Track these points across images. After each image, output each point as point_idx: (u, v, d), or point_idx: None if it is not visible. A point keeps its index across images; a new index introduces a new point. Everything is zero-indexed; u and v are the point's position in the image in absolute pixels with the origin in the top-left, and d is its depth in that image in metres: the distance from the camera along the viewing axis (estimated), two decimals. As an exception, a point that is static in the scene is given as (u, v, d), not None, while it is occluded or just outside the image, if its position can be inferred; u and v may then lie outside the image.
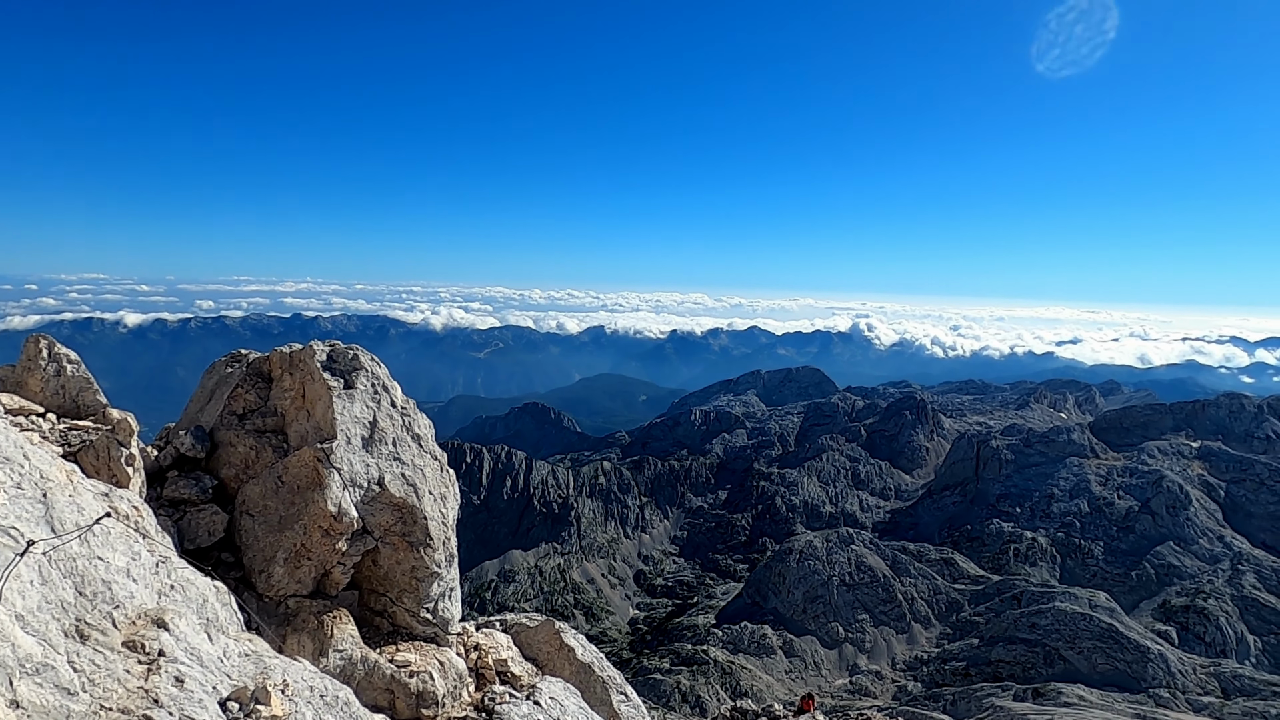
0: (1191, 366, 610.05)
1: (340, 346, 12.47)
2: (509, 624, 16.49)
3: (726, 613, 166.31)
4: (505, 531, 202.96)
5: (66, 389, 10.87)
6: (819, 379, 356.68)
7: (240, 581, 10.83)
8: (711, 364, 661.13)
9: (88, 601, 6.61)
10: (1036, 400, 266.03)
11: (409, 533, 11.92)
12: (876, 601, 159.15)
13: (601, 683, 15.74)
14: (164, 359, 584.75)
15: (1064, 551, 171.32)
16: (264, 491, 11.17)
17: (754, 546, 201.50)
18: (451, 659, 12.13)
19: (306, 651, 10.49)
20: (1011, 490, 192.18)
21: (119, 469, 9.71)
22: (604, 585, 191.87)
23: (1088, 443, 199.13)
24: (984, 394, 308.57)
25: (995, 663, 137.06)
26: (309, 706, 7.35)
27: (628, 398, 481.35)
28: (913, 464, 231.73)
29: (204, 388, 13.15)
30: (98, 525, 7.21)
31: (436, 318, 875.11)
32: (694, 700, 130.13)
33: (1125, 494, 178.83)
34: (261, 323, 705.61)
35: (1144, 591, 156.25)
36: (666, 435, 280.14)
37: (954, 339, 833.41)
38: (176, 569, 8.28)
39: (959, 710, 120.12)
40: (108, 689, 5.73)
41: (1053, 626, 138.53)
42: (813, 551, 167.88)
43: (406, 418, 12.54)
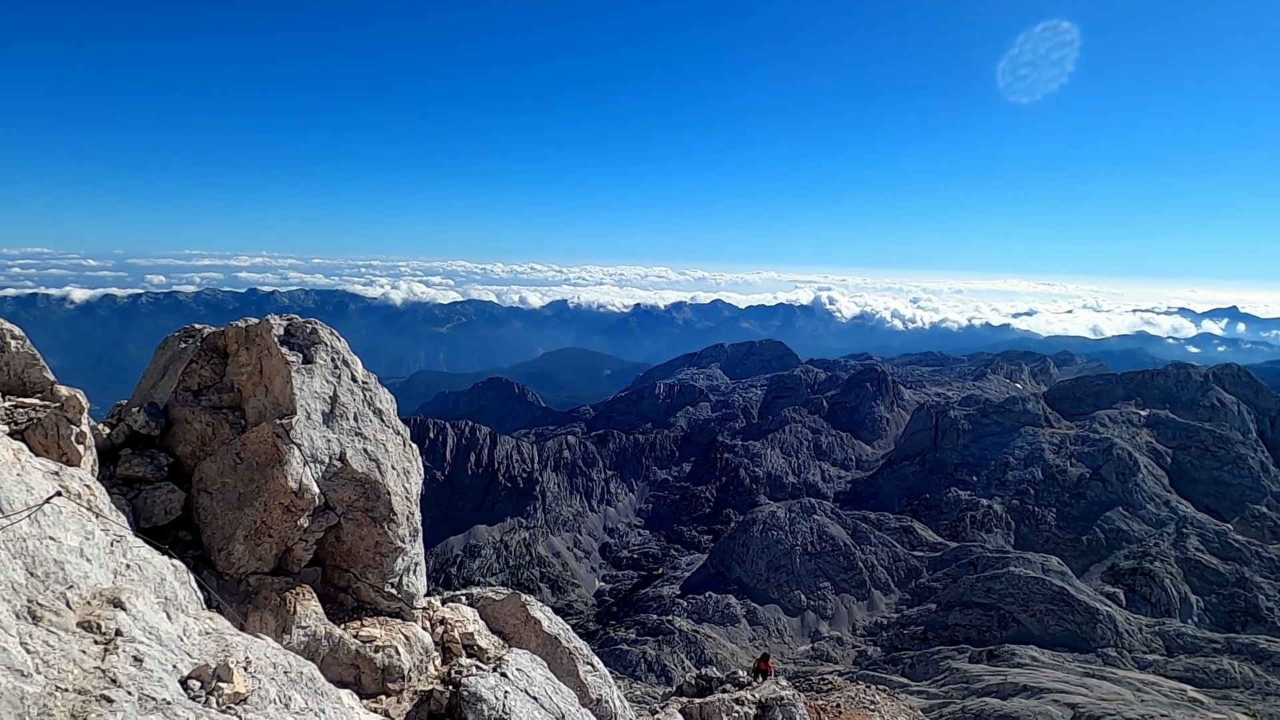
0: (1141, 337, 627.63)
1: (298, 321, 12.21)
2: (475, 598, 16.48)
3: (691, 583, 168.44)
4: (470, 507, 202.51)
5: (11, 366, 10.50)
6: (782, 352, 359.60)
7: (199, 560, 10.65)
8: (675, 337, 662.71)
9: (39, 582, 6.45)
10: (993, 371, 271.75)
11: (372, 508, 11.81)
12: (838, 569, 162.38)
13: (568, 653, 15.85)
14: (114, 336, 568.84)
15: (1018, 518, 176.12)
16: (222, 468, 10.96)
17: (718, 518, 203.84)
18: (417, 633, 12.11)
19: (269, 629, 10.38)
20: (969, 459, 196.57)
21: (69, 447, 9.44)
22: (569, 558, 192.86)
23: (1042, 412, 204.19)
24: (942, 365, 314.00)
25: (952, 626, 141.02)
26: (273, 683, 7.28)
27: (592, 372, 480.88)
28: (873, 435, 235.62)
29: (156, 364, 12.80)
30: (48, 504, 7.02)
31: (397, 292, 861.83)
32: (660, 670, 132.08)
33: (1077, 461, 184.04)
34: (216, 298, 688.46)
35: (1094, 555, 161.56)
36: (631, 409, 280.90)
37: (914, 311, 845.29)
38: (132, 548, 8.11)
39: (917, 673, 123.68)
40: (63, 670, 5.61)
41: (1007, 590, 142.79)
42: (776, 522, 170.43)
43: (368, 392, 12.36)
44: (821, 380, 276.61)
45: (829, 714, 30.34)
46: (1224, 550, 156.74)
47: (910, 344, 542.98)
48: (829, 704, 31.69)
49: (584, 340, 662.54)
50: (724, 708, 23.22)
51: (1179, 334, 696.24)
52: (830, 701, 32.36)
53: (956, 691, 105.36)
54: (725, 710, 23.17)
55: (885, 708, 32.94)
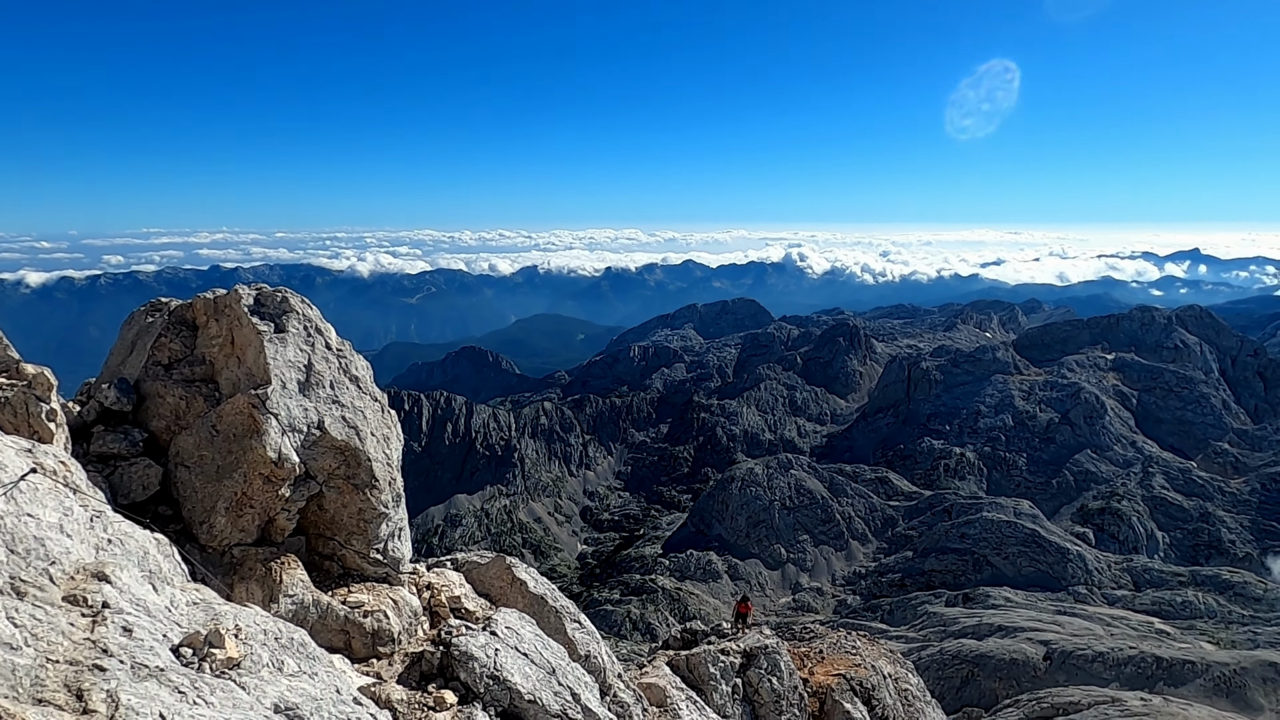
0: (1107, 283, 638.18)
1: (268, 290, 12.03)
2: (460, 563, 16.56)
3: (672, 542, 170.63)
4: (449, 477, 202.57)
5: (-27, 346, 10.27)
6: (755, 310, 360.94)
7: (181, 534, 10.58)
8: (648, 300, 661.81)
9: (20, 559, 6.38)
10: (963, 321, 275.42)
11: (353, 475, 11.78)
12: (816, 522, 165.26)
13: (555, 612, 16.02)
14: (73, 319, 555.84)
15: (990, 464, 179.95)
16: (198, 442, 10.85)
17: (696, 477, 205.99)
18: (405, 597, 12.18)
19: (256, 599, 10.39)
20: (941, 409, 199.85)
21: (40, 425, 9.28)
22: (551, 523, 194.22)
23: (1011, 360, 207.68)
24: (913, 317, 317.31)
25: (928, 572, 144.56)
26: (264, 648, 7.31)
27: (565, 337, 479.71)
28: (847, 389, 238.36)
29: (124, 339, 12.57)
30: (23, 481, 6.92)
31: (363, 264, 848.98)
32: (644, 628, 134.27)
33: (1046, 407, 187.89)
34: (178, 276, 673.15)
35: (1064, 497, 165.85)
36: (606, 373, 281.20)
37: (884, 265, 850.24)
38: (113, 523, 8.03)
39: (895, 618, 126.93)
40: (53, 642, 5.59)
41: (980, 535, 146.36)
42: (754, 478, 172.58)
43: (343, 360, 12.25)
44: (795, 337, 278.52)
45: (812, 660, 31.03)
46: (1188, 487, 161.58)
47: (881, 297, 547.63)
48: (811, 651, 32.40)
49: (556, 306, 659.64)
50: (710, 658, 23.68)
51: (1143, 278, 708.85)
52: (813, 649, 33.07)
53: (934, 635, 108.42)
54: (711, 661, 23.64)
55: (866, 652, 33.72)
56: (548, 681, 11.58)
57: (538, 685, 11.23)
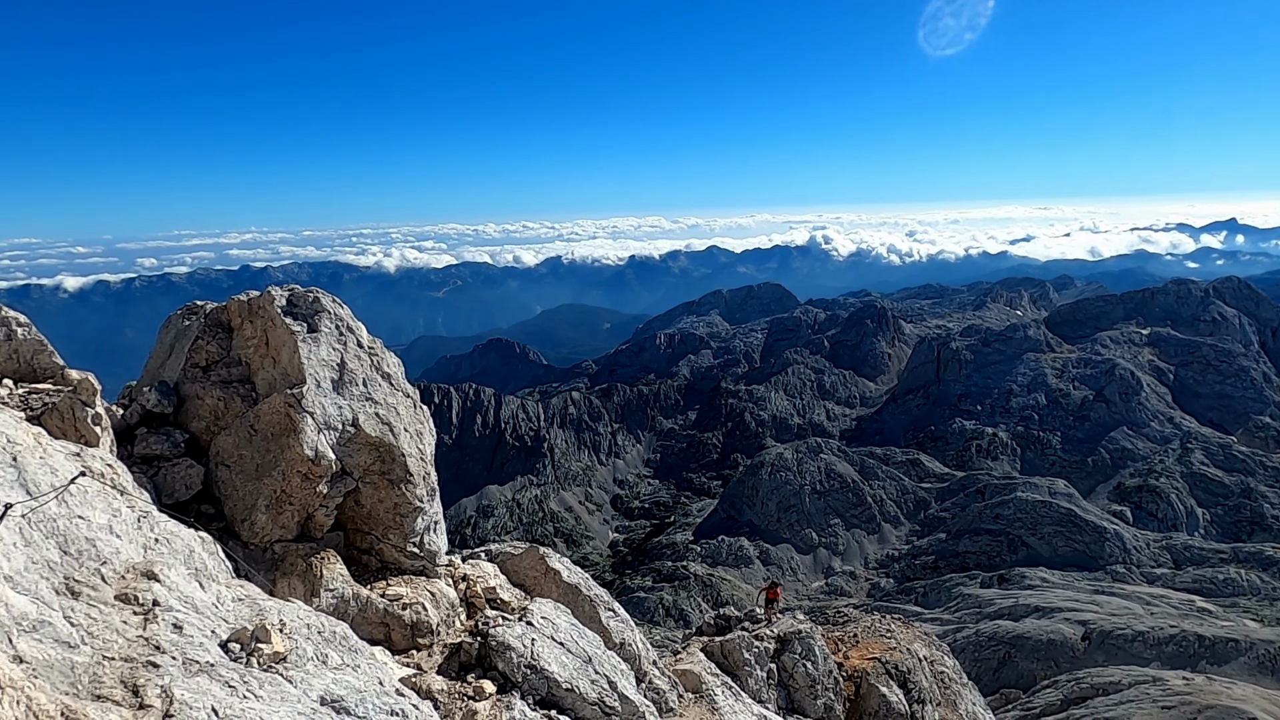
0: (1140, 256, 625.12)
1: (299, 290, 12.23)
2: (494, 554, 16.75)
3: (703, 528, 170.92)
4: (479, 468, 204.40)
5: (19, 353, 10.55)
6: (780, 294, 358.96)
7: (223, 531, 10.84)
8: (672, 287, 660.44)
9: (74, 560, 6.59)
10: (993, 300, 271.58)
11: (388, 470, 11.98)
12: (847, 506, 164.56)
13: (589, 601, 16.15)
14: (110, 322, 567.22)
15: (1023, 444, 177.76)
16: (237, 441, 11.09)
17: (726, 463, 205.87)
18: (443, 589, 12.38)
19: (298, 594, 10.62)
20: (972, 389, 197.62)
21: (86, 429, 9.54)
22: (581, 512, 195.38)
23: (1043, 337, 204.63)
24: (942, 297, 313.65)
25: (962, 554, 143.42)
26: (309, 642, 7.49)
27: (591, 326, 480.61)
28: (876, 371, 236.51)
29: (162, 343, 12.86)
30: (74, 484, 7.14)
31: (390, 260, 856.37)
32: (677, 614, 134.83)
33: (1080, 384, 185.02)
34: (209, 277, 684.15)
35: (1100, 476, 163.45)
36: (633, 361, 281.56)
37: (910, 245, 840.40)
38: (159, 523, 8.26)
39: (930, 601, 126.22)
40: (107, 640, 5.78)
41: (1015, 516, 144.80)
42: (783, 463, 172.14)
43: (375, 357, 12.44)
44: (821, 320, 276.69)
45: (846, 644, 30.98)
46: (1229, 462, 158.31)
47: (908, 278, 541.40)
48: (846, 635, 32.36)
49: (581, 295, 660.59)
50: (744, 644, 23.76)
51: (1178, 250, 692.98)
52: (847, 633, 33.02)
53: (970, 616, 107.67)
54: (745, 646, 23.72)
55: (901, 635, 33.60)
56: (584, 670, 11.72)
57: (575, 674, 11.38)
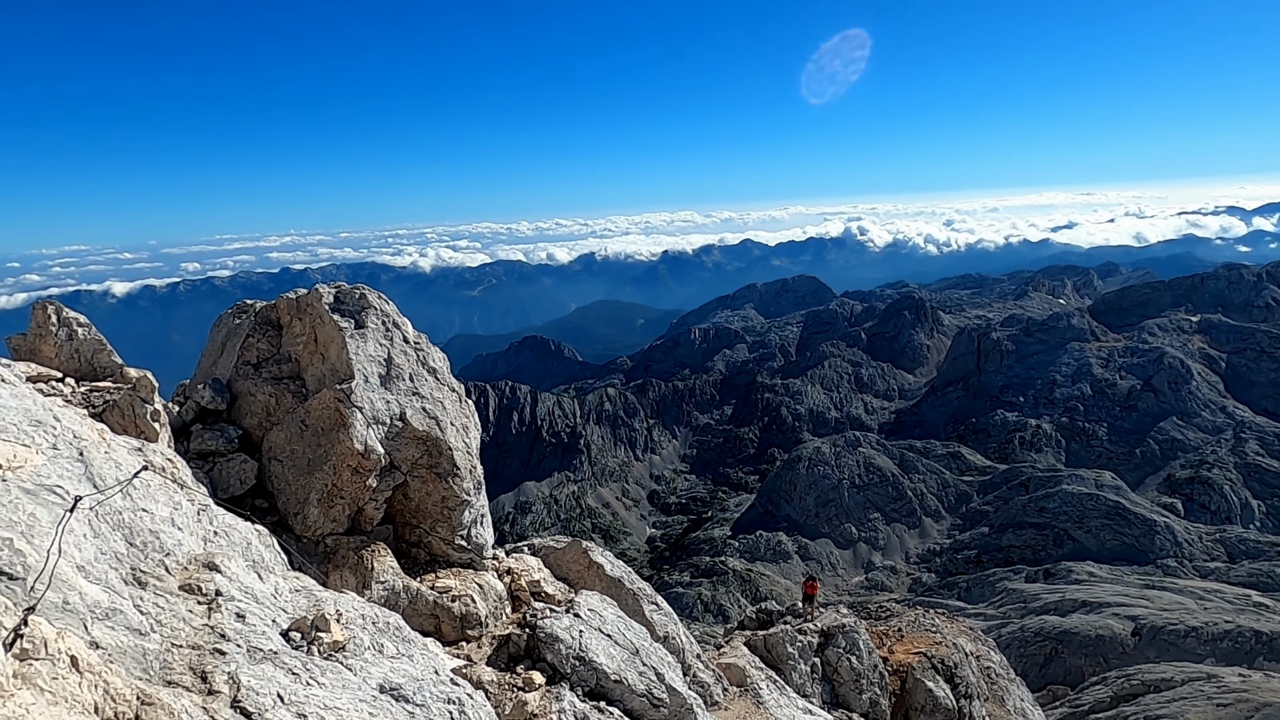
0: (1189, 241, 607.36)
1: (346, 287, 12.43)
2: (537, 548, 16.89)
3: (741, 524, 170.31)
4: (517, 465, 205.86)
5: (81, 352, 10.88)
6: (815, 287, 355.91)
7: (277, 525, 11.05)
8: (706, 281, 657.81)
9: (139, 551, 6.76)
10: (1034, 289, 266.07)
11: (435, 464, 12.12)
12: (887, 500, 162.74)
13: (632, 594, 16.20)
14: (157, 325, 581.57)
15: (1068, 436, 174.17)
16: (289, 436, 11.30)
17: (763, 458, 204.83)
18: (490, 581, 12.51)
19: (350, 585, 10.79)
20: (1014, 380, 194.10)
21: (145, 425, 9.80)
22: (619, 508, 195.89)
23: (1087, 326, 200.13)
24: (981, 287, 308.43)
25: (1006, 548, 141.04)
26: (365, 632, 7.62)
27: (625, 323, 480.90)
28: (914, 363, 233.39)
29: (214, 342, 13.15)
30: (137, 479, 7.32)
31: (425, 259, 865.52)
32: (716, 609, 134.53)
33: (1127, 374, 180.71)
34: (250, 280, 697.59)
35: (1149, 467, 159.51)
36: (667, 356, 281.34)
37: (948, 235, 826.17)
38: (217, 516, 8.45)
39: (973, 596, 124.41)
40: (175, 628, 5.93)
41: (1060, 509, 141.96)
42: (821, 457, 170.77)
43: (420, 352, 12.59)
44: (858, 312, 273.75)
45: (891, 639, 30.72)
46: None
47: (947, 268, 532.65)
48: (890, 630, 32.09)
49: (615, 292, 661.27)
50: (787, 638, 23.65)
51: (1228, 234, 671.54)
52: (891, 628, 32.76)
53: (1014, 611, 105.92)
54: (789, 640, 23.61)
55: (946, 630, 33.23)
56: (632, 662, 11.74)
57: (622, 666, 11.41)
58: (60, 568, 5.22)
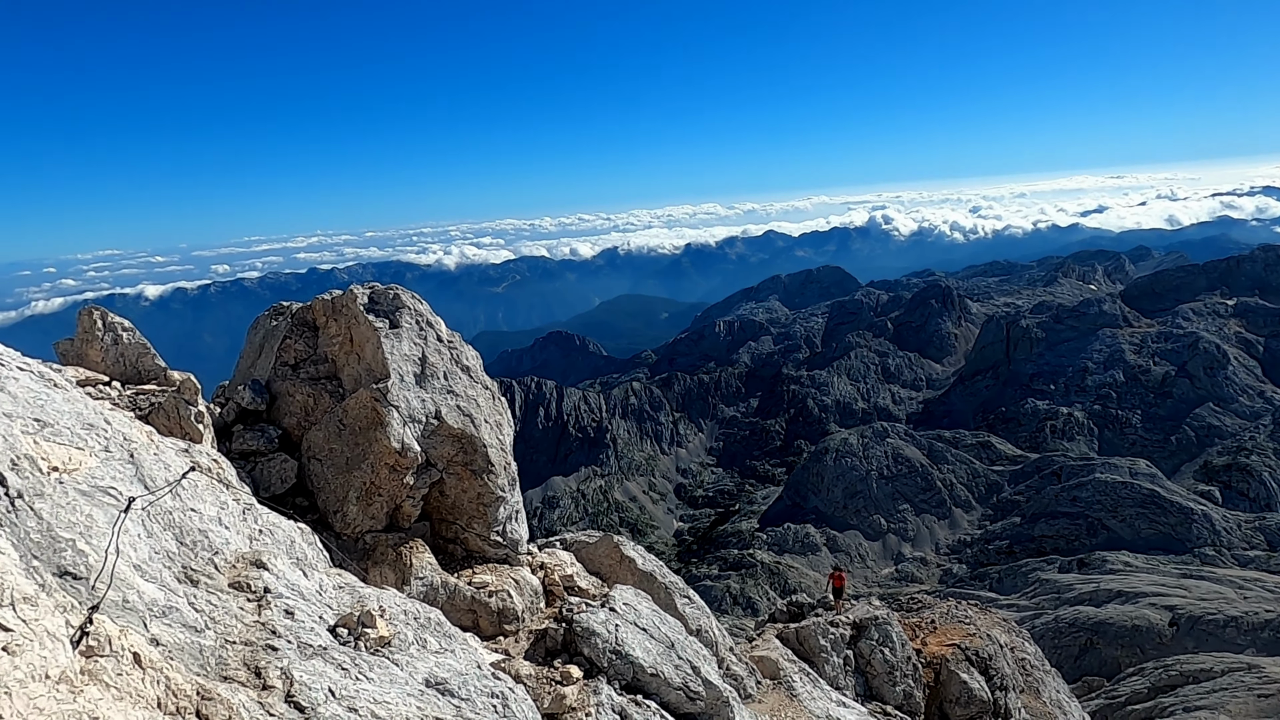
0: (1224, 223, 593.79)
1: (380, 288, 12.60)
2: (569, 542, 17.01)
3: (768, 516, 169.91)
4: (544, 460, 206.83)
5: (126, 356, 11.15)
6: (840, 277, 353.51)
7: (318, 523, 11.25)
8: (730, 274, 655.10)
9: (190, 550, 6.93)
10: (1064, 274, 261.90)
11: (470, 461, 12.26)
12: (916, 491, 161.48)
13: (664, 588, 16.27)
14: (189, 327, 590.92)
15: (1101, 423, 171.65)
16: (327, 436, 11.49)
17: (790, 450, 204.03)
18: (526, 576, 12.64)
19: (389, 582, 10.96)
20: (1044, 368, 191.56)
21: (190, 426, 10.01)
22: (646, 502, 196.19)
23: (1119, 312, 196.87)
24: (1010, 274, 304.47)
25: (1038, 538, 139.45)
26: (408, 628, 7.75)
27: (649, 316, 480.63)
28: (942, 352, 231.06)
29: (252, 343, 13.38)
30: (185, 479, 7.50)
31: (449, 257, 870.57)
32: (745, 602, 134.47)
33: (1161, 360, 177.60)
34: (279, 280, 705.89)
35: (1184, 455, 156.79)
36: (692, 349, 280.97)
37: (974, 221, 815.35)
38: (261, 514, 8.62)
39: (1005, 587, 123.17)
40: (228, 625, 6.08)
41: (1094, 498, 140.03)
42: (848, 449, 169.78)
43: (454, 350, 12.74)
44: (884, 302, 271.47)
45: (923, 630, 30.52)
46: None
47: (973, 255, 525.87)
48: (922, 621, 31.86)
49: (638, 286, 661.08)
50: (819, 631, 23.60)
51: (1265, 214, 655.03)
52: (923, 619, 32.51)
53: (1048, 602, 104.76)
54: (821, 633, 23.56)
55: (979, 621, 32.92)
56: (667, 655, 11.82)
57: (659, 659, 11.48)
58: (119, 567, 5.37)
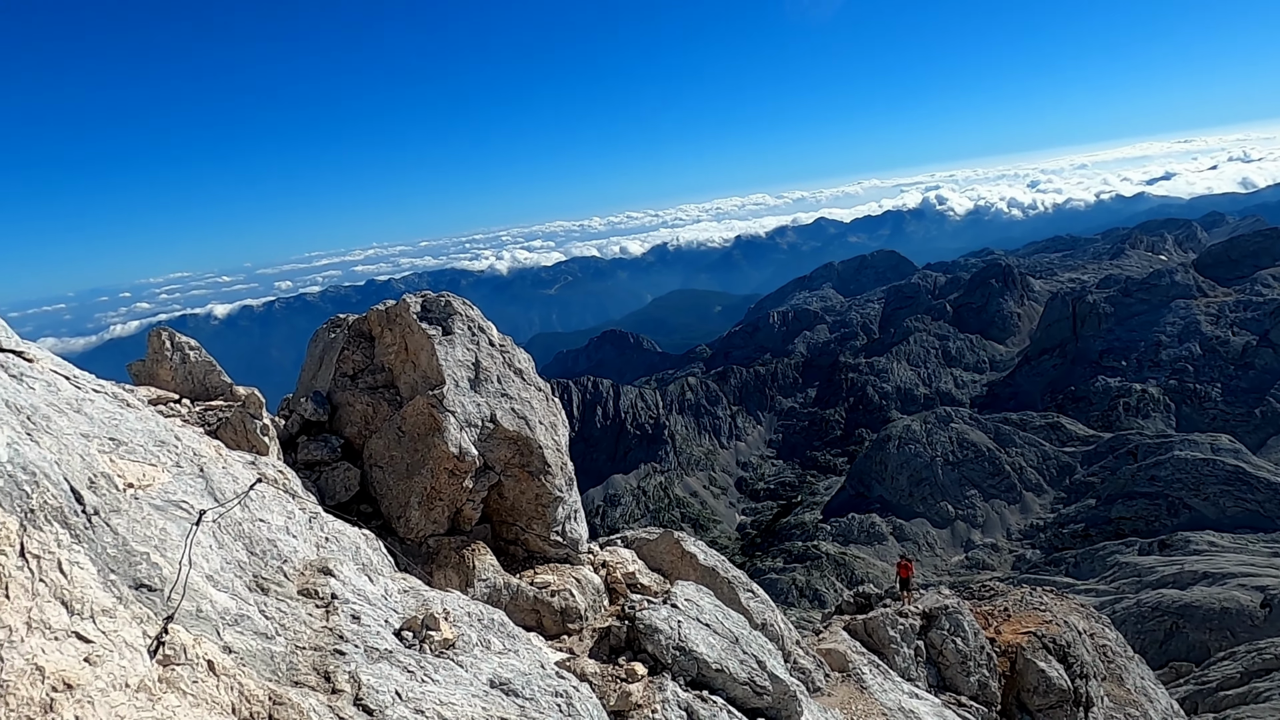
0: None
1: (432, 296, 12.82)
2: (630, 540, 17.06)
3: (832, 507, 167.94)
4: (604, 458, 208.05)
5: (193, 374, 11.58)
6: (895, 261, 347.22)
7: (382, 528, 11.50)
8: (781, 264, 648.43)
9: (259, 559, 7.15)
10: (1132, 246, 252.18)
11: (527, 463, 12.40)
12: (984, 476, 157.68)
13: (728, 583, 16.20)
14: (256, 343, 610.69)
15: (1178, 399, 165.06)
16: (387, 443, 11.74)
17: (851, 439, 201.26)
18: (587, 575, 12.72)
19: (453, 584, 11.15)
20: (1115, 344, 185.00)
21: (256, 439, 10.34)
22: (707, 496, 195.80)
23: (1193, 282, 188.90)
24: (1073, 249, 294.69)
25: (1116, 520, 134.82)
26: (472, 629, 7.87)
27: (702, 311, 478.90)
28: (1005, 333, 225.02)
29: (312, 356, 13.76)
30: (253, 491, 7.74)
31: (501, 262, 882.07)
32: (811, 594, 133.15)
33: (1240, 329, 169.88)
34: (339, 293, 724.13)
35: (1271, 428, 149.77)
36: (747, 342, 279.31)
37: (1033, 197, 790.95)
38: (327, 522, 8.84)
39: (1082, 571, 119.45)
40: (297, 631, 6.25)
41: (1173, 476, 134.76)
42: (912, 435, 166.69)
43: (506, 354, 12.89)
44: (942, 284, 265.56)
45: (997, 619, 29.78)
46: None
47: (1033, 232, 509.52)
48: (995, 609, 31.09)
49: (690, 280, 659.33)
50: (888, 621, 23.23)
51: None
52: (996, 607, 31.72)
53: (1128, 586, 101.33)
54: (890, 624, 23.18)
55: (1055, 608, 31.95)
56: (732, 650, 11.75)
57: (723, 654, 11.43)
58: (192, 578, 5.57)
